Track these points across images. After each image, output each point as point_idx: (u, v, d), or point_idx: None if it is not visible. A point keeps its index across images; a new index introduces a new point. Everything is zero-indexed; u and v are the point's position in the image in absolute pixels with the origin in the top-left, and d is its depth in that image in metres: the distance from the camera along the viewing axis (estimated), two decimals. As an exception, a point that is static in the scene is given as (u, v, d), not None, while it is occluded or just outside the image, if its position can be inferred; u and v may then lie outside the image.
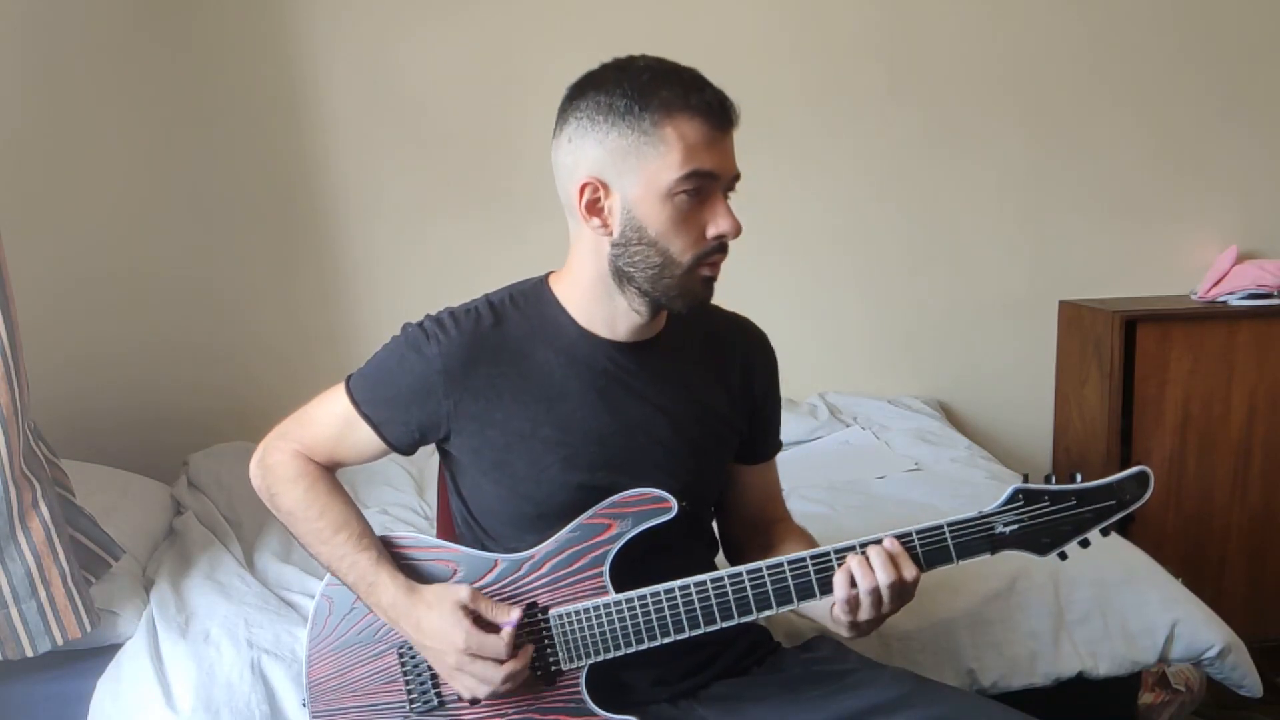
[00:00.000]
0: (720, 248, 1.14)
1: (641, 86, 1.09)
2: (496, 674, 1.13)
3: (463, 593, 1.16)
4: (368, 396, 1.22)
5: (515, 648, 1.14)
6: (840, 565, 1.12)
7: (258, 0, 2.44)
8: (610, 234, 1.13)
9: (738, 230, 1.12)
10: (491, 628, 1.15)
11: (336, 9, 2.47)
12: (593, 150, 1.10)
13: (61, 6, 2.36)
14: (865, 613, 1.11)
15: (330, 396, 1.25)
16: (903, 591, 1.11)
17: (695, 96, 1.08)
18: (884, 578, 1.10)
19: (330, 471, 1.27)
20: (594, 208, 1.12)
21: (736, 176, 1.14)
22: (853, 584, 1.11)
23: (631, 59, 1.13)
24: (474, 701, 1.20)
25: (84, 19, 2.37)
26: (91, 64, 2.39)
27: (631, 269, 1.13)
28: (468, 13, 2.52)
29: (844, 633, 1.16)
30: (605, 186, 1.11)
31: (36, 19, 2.35)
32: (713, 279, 1.16)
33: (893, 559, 1.11)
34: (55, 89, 2.38)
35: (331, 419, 1.24)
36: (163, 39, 2.42)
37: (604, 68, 1.13)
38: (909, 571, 1.11)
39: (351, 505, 1.25)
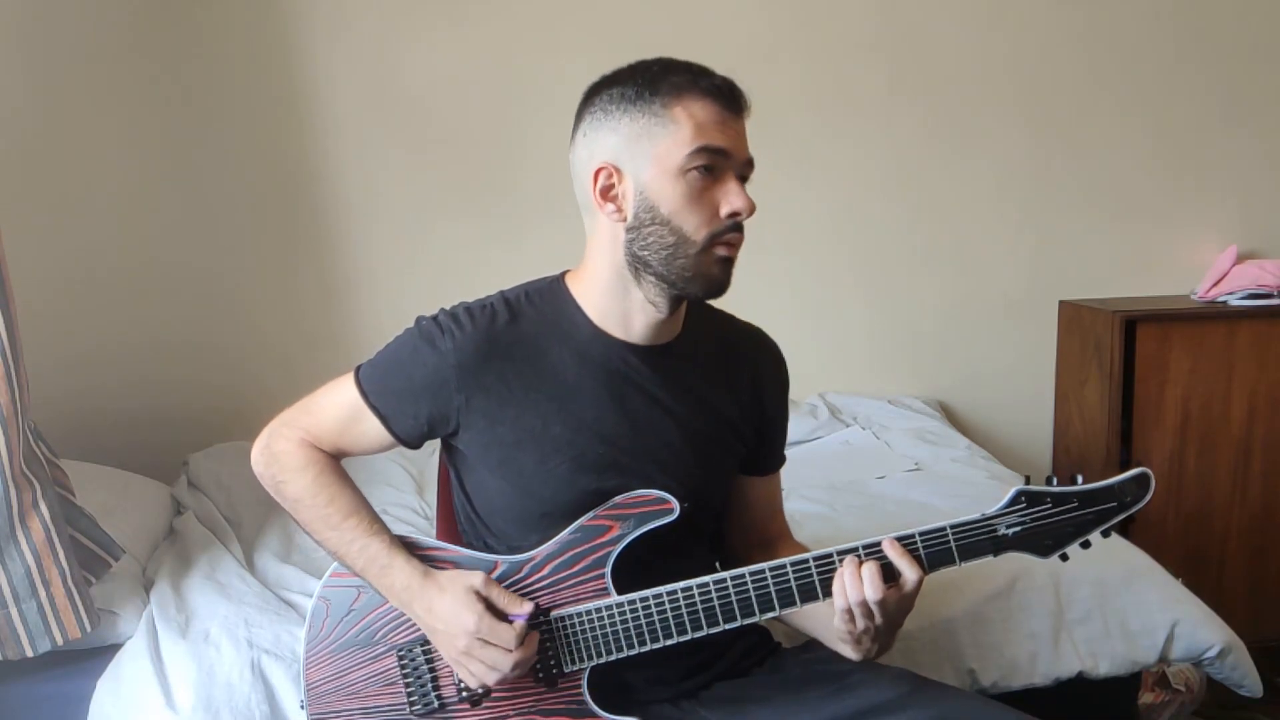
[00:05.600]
0: (735, 227, 1.14)
1: (652, 75, 1.13)
2: (505, 660, 1.13)
3: (476, 579, 1.16)
4: (377, 388, 1.21)
5: (523, 639, 1.15)
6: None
7: (260, 0, 2.44)
8: (624, 219, 1.14)
9: (751, 208, 1.13)
10: (502, 616, 1.15)
11: (339, 10, 2.47)
12: (607, 139, 1.14)
13: (63, 5, 2.35)
14: (860, 623, 1.11)
15: (338, 386, 1.24)
16: (900, 602, 1.11)
17: (704, 80, 1.13)
18: (871, 593, 1.09)
19: (336, 460, 1.26)
20: (608, 193, 1.14)
21: (750, 163, 1.16)
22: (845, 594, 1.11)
23: (643, 59, 1.17)
24: (475, 704, 1.20)
25: (86, 17, 2.37)
26: (93, 62, 2.39)
27: (646, 252, 1.14)
28: (470, 14, 2.52)
29: (850, 653, 1.16)
30: (619, 171, 1.14)
31: (38, 17, 2.35)
32: (730, 260, 1.16)
33: (885, 570, 1.10)
34: (56, 88, 2.38)
35: (338, 408, 1.23)
36: (165, 39, 2.41)
37: (617, 70, 1.17)
38: (911, 575, 1.10)
39: (359, 493, 1.25)
